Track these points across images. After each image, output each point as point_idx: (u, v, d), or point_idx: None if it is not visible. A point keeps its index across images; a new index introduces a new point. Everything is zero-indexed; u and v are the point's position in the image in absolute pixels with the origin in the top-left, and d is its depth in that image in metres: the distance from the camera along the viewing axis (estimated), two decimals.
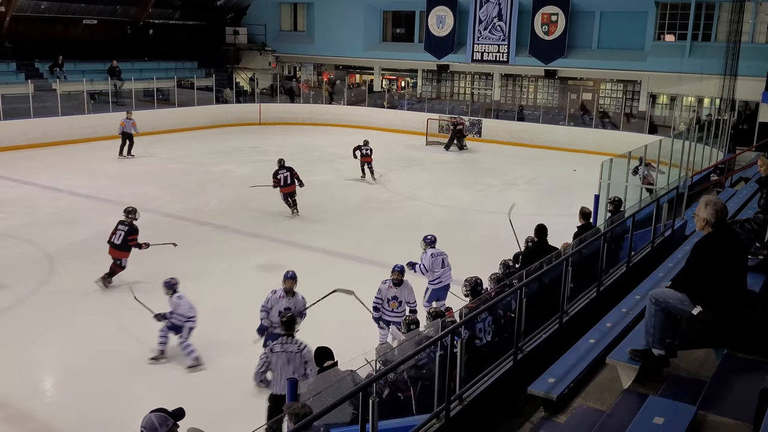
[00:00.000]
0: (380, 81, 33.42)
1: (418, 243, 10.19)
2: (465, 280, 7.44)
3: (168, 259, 12.28)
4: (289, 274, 8.25)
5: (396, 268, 8.80)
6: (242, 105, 30.38)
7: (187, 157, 22.25)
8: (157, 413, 4.73)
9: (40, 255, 12.26)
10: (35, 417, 7.34)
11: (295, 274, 8.23)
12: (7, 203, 15.75)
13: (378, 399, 4.25)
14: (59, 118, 23.70)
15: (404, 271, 8.84)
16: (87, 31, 28.83)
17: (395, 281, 8.74)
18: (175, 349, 8.90)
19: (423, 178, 20.98)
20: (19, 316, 9.78)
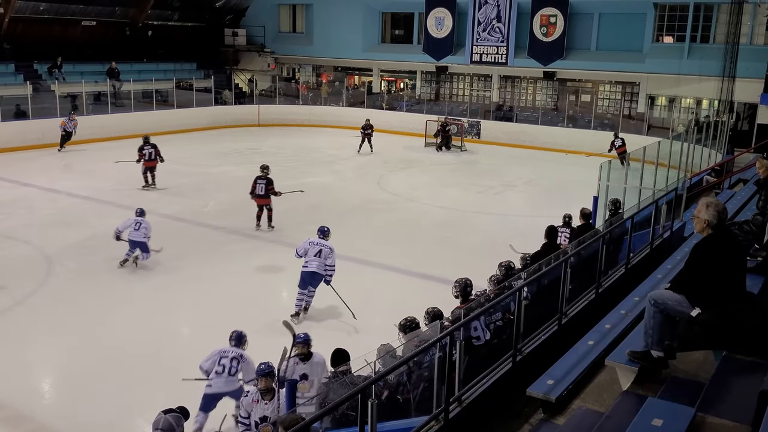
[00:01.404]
0: (379, 82, 33.43)
1: (418, 244, 10.19)
2: (455, 281, 7.41)
3: (167, 260, 12.28)
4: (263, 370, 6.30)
5: (300, 337, 6.72)
6: (241, 106, 30.39)
7: (185, 159, 22.22)
8: (173, 414, 4.75)
9: (39, 256, 12.24)
10: (34, 418, 7.32)
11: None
12: (6, 204, 15.74)
13: (377, 401, 4.25)
14: (58, 119, 23.66)
15: (310, 341, 6.78)
16: (86, 32, 28.81)
17: (302, 356, 6.64)
18: (170, 354, 8.88)
19: (422, 180, 20.98)
20: (17, 317, 9.77)
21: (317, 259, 9.88)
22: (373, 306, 10.89)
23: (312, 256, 9.89)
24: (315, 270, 9.87)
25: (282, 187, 14.56)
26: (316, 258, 9.88)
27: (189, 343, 9.43)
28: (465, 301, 7.14)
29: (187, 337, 9.76)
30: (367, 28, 32.13)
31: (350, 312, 9.91)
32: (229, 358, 7.05)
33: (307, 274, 9.92)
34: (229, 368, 7.00)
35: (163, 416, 5.09)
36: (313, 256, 9.89)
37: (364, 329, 9.22)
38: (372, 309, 10.75)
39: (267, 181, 14.04)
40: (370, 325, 9.64)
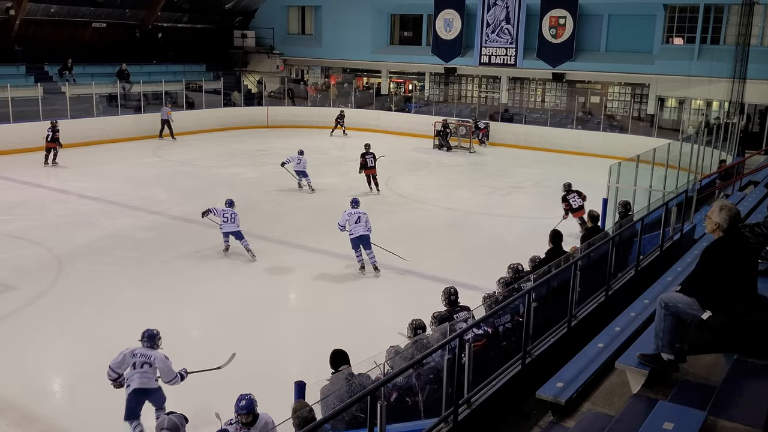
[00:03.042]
0: (388, 84, 33.44)
1: (426, 246, 10.19)
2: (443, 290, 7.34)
3: (175, 262, 12.33)
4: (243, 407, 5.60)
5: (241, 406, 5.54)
6: (250, 108, 30.47)
7: (195, 160, 22.32)
8: (177, 414, 4.76)
9: (49, 257, 12.31)
10: (44, 419, 7.35)
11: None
12: (17, 206, 15.83)
13: (386, 403, 4.25)
14: (68, 120, 23.81)
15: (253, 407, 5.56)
16: (96, 34, 28.96)
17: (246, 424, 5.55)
18: (179, 354, 8.91)
19: (430, 181, 20.96)
20: (28, 317, 9.82)
21: (360, 225, 11.77)
22: (380, 308, 10.89)
23: (354, 224, 11.77)
24: (363, 233, 11.78)
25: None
26: (358, 224, 11.76)
27: (198, 345, 9.46)
28: (452, 307, 7.11)
29: (196, 338, 9.80)
30: (376, 29, 32.15)
31: (399, 257, 12.10)
32: (142, 362, 6.83)
33: (356, 239, 11.79)
34: (141, 365, 6.83)
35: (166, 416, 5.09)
36: (354, 224, 11.77)
37: (372, 331, 9.21)
38: (379, 311, 10.76)
39: (373, 155, 17.79)
40: (378, 326, 9.64)
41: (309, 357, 8.88)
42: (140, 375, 6.75)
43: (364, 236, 11.82)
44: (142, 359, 6.83)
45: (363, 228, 11.80)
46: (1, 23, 25.72)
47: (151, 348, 6.92)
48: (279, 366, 8.65)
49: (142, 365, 6.79)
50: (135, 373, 6.77)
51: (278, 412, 5.01)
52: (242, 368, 8.45)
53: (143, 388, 6.77)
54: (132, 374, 6.78)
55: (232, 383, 8.09)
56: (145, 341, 6.97)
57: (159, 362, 6.83)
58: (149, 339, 6.98)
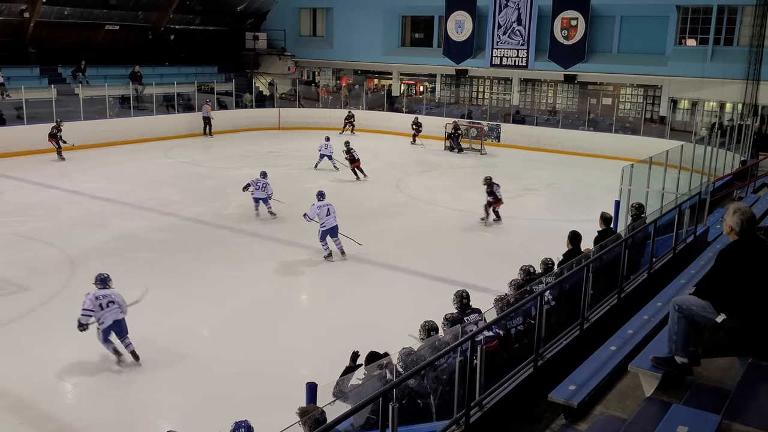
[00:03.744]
0: (399, 86, 33.45)
1: (437, 247, 10.18)
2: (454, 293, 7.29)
3: (186, 262, 12.38)
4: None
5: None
6: (261, 109, 30.56)
7: (206, 161, 22.41)
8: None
9: (62, 258, 12.39)
10: (58, 419, 7.40)
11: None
12: (31, 207, 15.95)
13: (398, 404, 4.25)
14: (81, 122, 24.00)
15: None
16: (109, 36, 29.17)
17: None
18: (190, 355, 8.95)
19: (440, 183, 20.94)
20: (41, 317, 9.88)
21: (331, 216, 12.54)
22: (391, 309, 10.88)
23: (325, 216, 12.48)
24: (335, 224, 12.55)
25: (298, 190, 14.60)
26: (329, 216, 12.52)
27: (209, 345, 9.49)
28: (464, 310, 7.08)
29: (207, 338, 9.82)
30: (387, 31, 32.17)
31: (356, 242, 12.90)
32: (107, 301, 8.38)
33: (329, 229, 12.51)
34: (107, 304, 8.38)
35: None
36: (326, 216, 12.49)
37: (383, 333, 9.19)
38: (390, 312, 10.75)
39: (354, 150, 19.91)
40: (389, 329, 9.64)
41: (320, 358, 8.89)
42: (111, 312, 8.36)
43: (335, 227, 12.59)
44: (106, 299, 8.39)
45: (334, 219, 12.57)
46: (16, 25, 25.94)
47: (105, 288, 8.49)
48: (290, 367, 8.66)
49: (108, 304, 8.37)
50: (106, 311, 8.33)
51: (290, 414, 5.01)
52: (253, 369, 8.49)
53: (117, 319, 8.39)
54: (103, 314, 8.31)
55: (244, 383, 8.14)
56: (99, 284, 8.50)
57: (117, 297, 8.52)
58: (103, 282, 8.54)
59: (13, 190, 17.66)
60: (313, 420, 4.58)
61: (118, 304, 8.46)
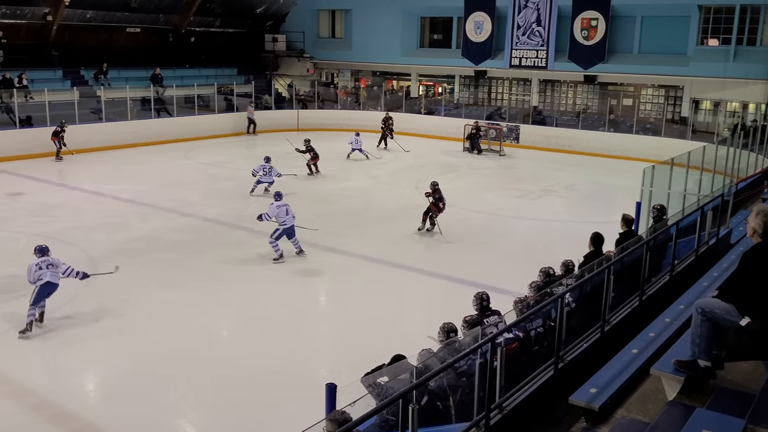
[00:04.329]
0: (417, 87, 33.43)
1: (456, 249, 10.14)
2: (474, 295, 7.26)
3: (206, 263, 12.46)
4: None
5: None
6: (281, 111, 30.69)
7: (226, 163, 22.55)
8: None
9: (85, 258, 12.51)
10: (80, 417, 7.48)
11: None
12: (54, 207, 16.14)
13: (417, 406, 4.24)
14: (103, 124, 24.28)
15: None
16: (130, 39, 29.46)
17: None
18: (210, 355, 9.00)
19: (460, 184, 20.87)
20: (63, 318, 9.99)
21: (290, 216, 12.66)
22: (410, 311, 10.88)
23: (285, 215, 12.60)
24: (293, 223, 12.72)
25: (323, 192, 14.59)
26: (288, 215, 12.64)
27: (229, 345, 9.54)
28: (484, 311, 7.04)
29: (226, 338, 9.88)
30: (406, 32, 32.17)
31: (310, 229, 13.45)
32: (46, 264, 9.45)
33: (288, 229, 12.65)
34: (47, 266, 9.45)
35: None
36: (285, 215, 12.60)
37: (402, 334, 9.18)
38: (410, 314, 10.75)
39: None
40: (408, 330, 9.64)
41: (338, 359, 8.92)
42: (51, 273, 9.42)
43: (293, 227, 12.77)
44: (46, 263, 9.45)
45: (292, 218, 12.75)
46: (39, 29, 26.29)
47: (45, 255, 9.52)
48: (308, 368, 8.68)
49: (48, 266, 9.44)
50: (46, 271, 9.38)
51: (308, 415, 5.02)
52: (272, 369, 8.53)
53: (52, 282, 9.42)
54: (43, 272, 9.36)
55: (262, 384, 8.18)
56: (39, 253, 9.52)
57: (56, 260, 9.62)
58: (42, 251, 9.55)
59: (36, 191, 17.89)
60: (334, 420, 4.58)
61: (56, 266, 9.55)
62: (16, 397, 7.78)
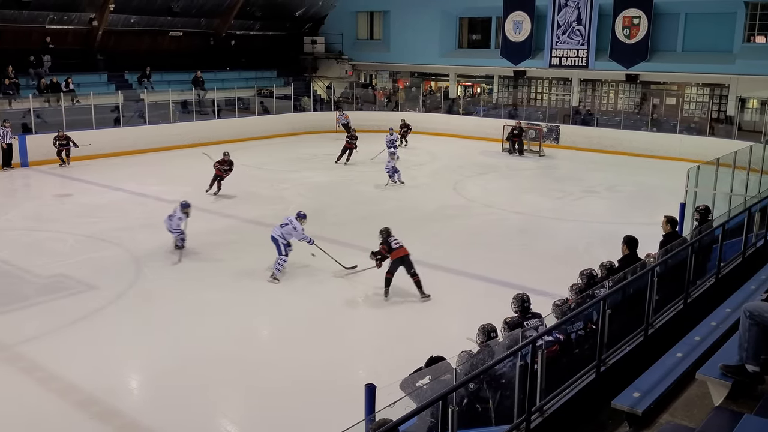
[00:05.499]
0: (455, 87, 33.31)
1: (495, 250, 10.05)
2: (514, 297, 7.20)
3: (246, 264, 12.60)
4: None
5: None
6: (319, 113, 30.90)
7: (266, 164, 22.78)
8: None
9: (129, 258, 12.79)
10: (123, 414, 7.64)
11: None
12: (99, 208, 16.52)
13: (457, 408, 4.23)
14: (146, 126, 24.78)
15: None
16: (173, 43, 29.99)
17: None
18: (250, 356, 9.10)
19: (499, 185, 20.77)
20: (108, 316, 10.23)
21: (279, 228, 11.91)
22: (449, 313, 10.84)
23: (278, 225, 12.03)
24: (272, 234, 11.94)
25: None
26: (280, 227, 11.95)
27: (268, 346, 9.64)
28: (524, 314, 6.98)
29: (266, 339, 9.99)
30: (444, 33, 32.07)
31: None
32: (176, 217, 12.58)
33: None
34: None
35: None
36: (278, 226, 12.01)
37: (441, 336, 9.16)
38: (449, 316, 10.71)
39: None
40: (446, 332, 9.61)
41: (377, 361, 8.93)
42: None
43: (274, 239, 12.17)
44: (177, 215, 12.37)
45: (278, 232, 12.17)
46: (85, 34, 26.95)
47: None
48: (347, 370, 8.72)
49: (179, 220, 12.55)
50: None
51: (347, 416, 5.03)
52: (311, 371, 8.58)
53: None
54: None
55: (301, 385, 8.24)
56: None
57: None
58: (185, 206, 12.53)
59: (83, 192, 18.34)
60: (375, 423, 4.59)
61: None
62: (63, 394, 7.97)
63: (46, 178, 19.91)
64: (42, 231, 14.72)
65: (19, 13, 24.62)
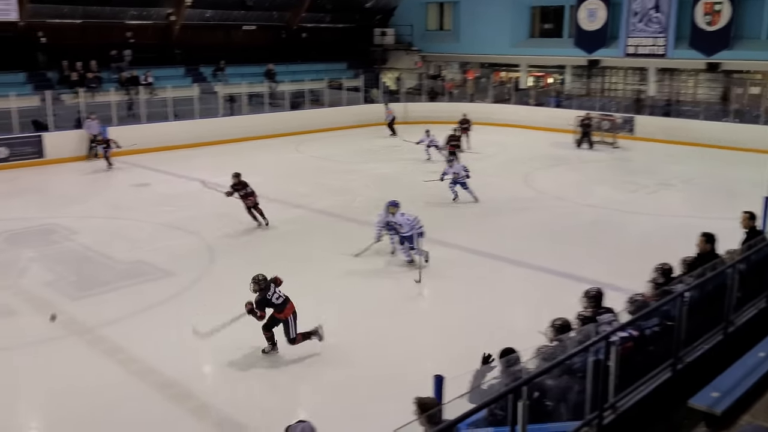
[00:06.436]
0: (526, 78, 32.77)
1: (566, 244, 9.88)
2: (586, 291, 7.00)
3: (314, 253, 12.77)
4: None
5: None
6: (389, 104, 30.97)
7: (334, 156, 23.02)
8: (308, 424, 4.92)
9: (203, 246, 13.17)
10: (197, 396, 7.88)
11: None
12: (175, 197, 17.06)
13: (527, 402, 4.19)
14: (219, 119, 25.44)
15: None
16: (246, 36, 30.64)
17: None
18: (317, 349, 9.20)
19: (570, 177, 20.34)
20: (185, 301, 10.55)
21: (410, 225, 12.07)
22: (519, 306, 10.73)
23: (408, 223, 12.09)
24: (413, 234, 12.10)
25: None
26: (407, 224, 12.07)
27: (335, 334, 9.71)
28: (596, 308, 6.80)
29: (334, 327, 10.02)
30: (515, 23, 31.59)
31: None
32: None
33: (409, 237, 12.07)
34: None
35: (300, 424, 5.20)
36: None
37: (507, 330, 9.07)
38: (518, 309, 10.60)
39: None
40: (514, 325, 9.52)
41: (443, 353, 8.89)
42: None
43: (412, 236, 12.09)
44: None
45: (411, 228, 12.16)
46: (163, 28, 27.85)
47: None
48: (412, 362, 8.72)
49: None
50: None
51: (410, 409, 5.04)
52: (375, 362, 8.63)
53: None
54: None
55: (366, 376, 8.30)
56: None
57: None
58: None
59: (160, 182, 18.98)
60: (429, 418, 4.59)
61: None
62: (143, 376, 8.29)
63: (126, 169, 20.69)
64: (121, 219, 15.32)
65: (102, 9, 25.66)
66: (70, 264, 12.28)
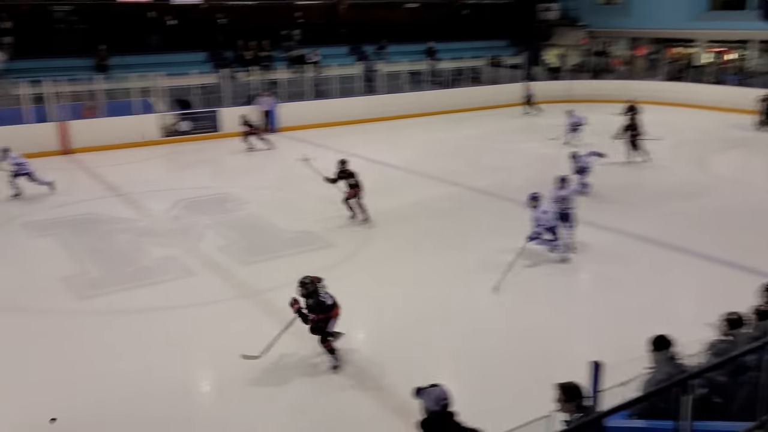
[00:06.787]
0: (703, 54, 30.41)
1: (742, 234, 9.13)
2: (764, 285, 6.41)
3: (471, 231, 12.77)
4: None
5: None
6: (551, 82, 30.09)
7: (494, 134, 22.78)
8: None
9: (358, 221, 13.59)
10: (354, 363, 8.18)
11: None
12: None
13: (693, 397, 3.97)
14: (380, 96, 26.01)
15: None
16: (408, 14, 30.97)
17: None
18: (469, 322, 9.20)
19: (750, 162, 18.74)
20: (344, 271, 10.89)
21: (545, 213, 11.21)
22: (680, 296, 10.17)
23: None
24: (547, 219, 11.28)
25: None
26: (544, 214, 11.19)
27: (488, 312, 9.67)
28: None
29: (486, 306, 9.95)
30: None
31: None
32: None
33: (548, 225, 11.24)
34: None
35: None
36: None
37: (670, 320, 8.58)
38: (679, 299, 10.05)
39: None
40: (677, 316, 9.03)
41: (601, 338, 8.63)
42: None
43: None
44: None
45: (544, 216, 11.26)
46: (330, 8, 28.83)
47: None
48: (570, 345, 8.54)
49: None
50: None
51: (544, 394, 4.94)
52: (532, 343, 8.54)
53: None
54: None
55: (521, 352, 8.23)
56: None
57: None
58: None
59: (322, 157, 19.69)
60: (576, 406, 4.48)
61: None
62: (301, 339, 8.74)
63: (292, 144, 21.73)
64: (287, 192, 16.18)
65: None
66: (241, 231, 13.19)
